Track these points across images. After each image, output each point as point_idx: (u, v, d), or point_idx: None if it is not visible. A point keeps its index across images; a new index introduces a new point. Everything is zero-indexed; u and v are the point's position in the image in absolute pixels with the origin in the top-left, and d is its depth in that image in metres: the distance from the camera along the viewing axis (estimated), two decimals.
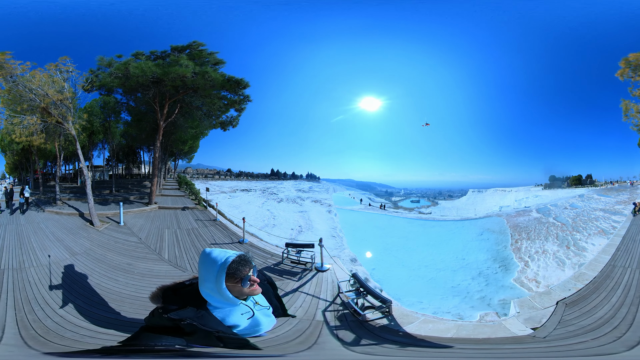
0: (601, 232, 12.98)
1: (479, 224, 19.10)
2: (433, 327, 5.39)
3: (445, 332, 5.23)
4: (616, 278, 7.04)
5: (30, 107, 11.16)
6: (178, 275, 7.70)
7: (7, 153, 22.17)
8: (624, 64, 12.81)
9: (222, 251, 1.82)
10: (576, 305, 6.07)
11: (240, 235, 11.91)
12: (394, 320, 5.55)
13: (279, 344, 1.98)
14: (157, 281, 7.33)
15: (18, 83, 10.81)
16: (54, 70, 12.03)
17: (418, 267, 12.92)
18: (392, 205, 35.28)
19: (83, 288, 6.51)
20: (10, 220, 12.68)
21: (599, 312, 5.51)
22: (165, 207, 16.76)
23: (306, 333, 4.66)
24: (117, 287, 6.66)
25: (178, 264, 8.57)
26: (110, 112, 21.03)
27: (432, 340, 4.82)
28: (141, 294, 6.43)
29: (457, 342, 4.70)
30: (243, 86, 17.98)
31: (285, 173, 42.96)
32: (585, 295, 6.51)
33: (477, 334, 5.17)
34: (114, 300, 6.04)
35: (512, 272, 11.63)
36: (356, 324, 5.41)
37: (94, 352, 2.46)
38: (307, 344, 4.26)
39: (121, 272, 7.49)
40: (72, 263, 7.98)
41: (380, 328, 5.30)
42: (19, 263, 7.76)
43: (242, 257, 1.78)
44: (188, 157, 31.70)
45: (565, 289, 7.12)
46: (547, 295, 6.96)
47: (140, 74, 14.45)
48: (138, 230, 11.81)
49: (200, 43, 16.12)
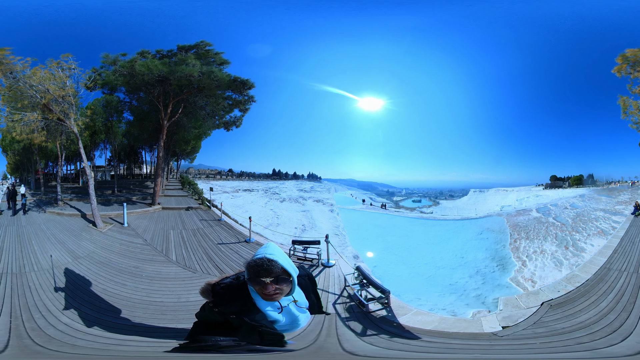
0: (600, 233, 12.77)
1: (479, 223, 19.05)
2: (421, 319, 5.67)
3: (429, 324, 5.43)
4: (610, 282, 6.73)
5: (31, 103, 10.82)
6: (189, 277, 7.38)
7: (9, 153, 21.88)
8: (621, 60, 12.53)
9: (261, 249, 1.70)
10: (560, 307, 5.93)
11: (246, 234, 11.70)
12: (391, 312, 5.84)
13: (301, 337, 1.97)
14: (167, 284, 7.04)
15: (19, 79, 10.48)
16: (56, 68, 11.70)
17: (418, 265, 12.91)
18: (394, 205, 35.09)
19: (88, 294, 6.16)
20: (11, 222, 12.37)
21: (582, 316, 5.33)
22: (169, 207, 16.43)
23: (325, 326, 4.55)
24: (125, 292, 6.32)
25: (187, 265, 8.25)
26: (112, 111, 20.74)
27: (414, 331, 5.09)
28: (153, 298, 6.11)
29: (429, 335, 4.90)
30: (249, 87, 17.78)
31: (287, 173, 42.72)
32: (573, 298, 6.31)
33: (452, 328, 5.36)
34: (125, 306, 5.71)
35: (509, 271, 11.54)
36: (362, 315, 5.69)
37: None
38: (331, 335, 4.26)
39: (128, 276, 7.14)
40: (75, 267, 7.65)
41: (380, 319, 5.59)
42: (19, 267, 7.43)
43: (259, 261, 1.60)
44: (190, 158, 31.43)
45: (555, 290, 7.00)
46: (535, 296, 6.89)
47: (146, 72, 14.13)
48: (143, 231, 11.47)
49: (207, 43, 15.85)
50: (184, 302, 6.00)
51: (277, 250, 1.67)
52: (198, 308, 1.91)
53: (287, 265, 1.62)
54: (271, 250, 1.65)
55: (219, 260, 8.78)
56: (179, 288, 6.72)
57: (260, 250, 1.66)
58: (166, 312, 5.55)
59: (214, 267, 8.23)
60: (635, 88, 12.55)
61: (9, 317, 5.10)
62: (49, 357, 3.86)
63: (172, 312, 5.57)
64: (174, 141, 22.74)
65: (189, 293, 6.42)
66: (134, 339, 4.43)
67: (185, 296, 6.27)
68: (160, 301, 6.03)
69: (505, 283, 10.53)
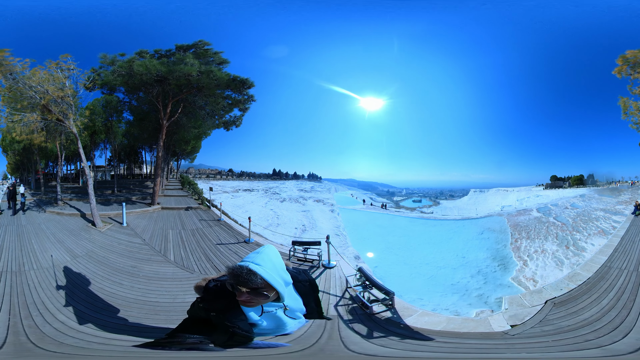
0: (601, 233, 12.79)
1: (480, 223, 19.06)
2: (428, 320, 5.64)
3: (437, 325, 5.45)
4: (610, 280, 6.79)
5: (31, 104, 10.85)
6: (186, 278, 7.39)
7: (9, 153, 21.93)
8: (621, 61, 12.58)
9: (252, 254, 1.62)
10: (564, 305, 5.98)
11: (245, 234, 11.69)
12: (396, 313, 5.75)
13: (300, 340, 1.96)
14: (164, 284, 7.06)
15: (18, 80, 10.51)
16: (55, 69, 11.73)
17: (419, 265, 12.90)
18: (394, 205, 35.09)
19: (85, 292, 6.18)
20: (11, 221, 12.41)
21: (585, 313, 5.40)
22: (169, 207, 16.46)
23: (327, 328, 4.52)
24: (122, 291, 6.33)
25: (185, 266, 8.25)
26: (112, 111, 20.77)
27: (424, 332, 5.04)
28: (149, 298, 6.12)
29: (441, 335, 4.90)
30: (248, 86, 17.77)
31: (287, 173, 42.74)
32: (576, 295, 6.38)
33: (461, 328, 5.35)
34: (120, 305, 5.72)
35: (510, 270, 11.58)
36: (366, 317, 5.58)
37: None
38: (333, 338, 4.23)
39: (126, 275, 7.16)
40: (73, 266, 7.67)
41: (385, 320, 5.52)
42: (18, 266, 7.46)
43: (237, 270, 1.51)
44: (190, 157, 31.44)
45: (557, 288, 7.05)
46: (538, 294, 6.95)
47: (144, 72, 14.13)
48: (142, 231, 11.49)
49: (206, 42, 15.84)
50: (180, 302, 6.00)
51: (266, 260, 1.56)
52: None
53: (272, 278, 1.51)
54: (260, 259, 1.54)
55: (217, 261, 8.79)
56: (176, 288, 6.72)
57: (249, 256, 1.58)
58: (160, 312, 5.55)
59: (212, 267, 8.24)
60: (636, 89, 12.59)
61: (8, 314, 5.15)
62: (41, 356, 3.88)
63: (165, 312, 5.58)
64: (173, 141, 22.77)
65: (185, 293, 6.41)
66: (125, 338, 4.44)
67: (181, 297, 6.26)
68: (156, 301, 6.04)
69: (507, 282, 10.55)
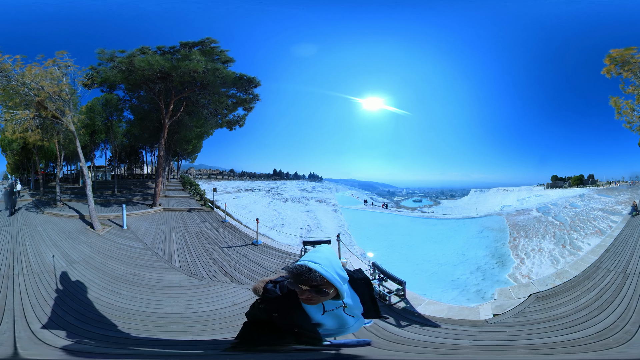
0: (598, 232, 12.81)
1: (480, 222, 19.36)
2: (434, 308, 6.16)
3: (440, 312, 6.00)
4: (596, 280, 6.91)
5: (24, 101, 10.28)
6: (195, 285, 6.77)
7: (8, 153, 21.45)
8: (608, 60, 12.53)
9: (310, 252, 1.63)
10: (544, 300, 6.26)
11: (252, 236, 11.22)
12: (409, 303, 6.16)
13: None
14: (170, 293, 6.39)
15: (9, 78, 9.95)
16: (51, 65, 11.19)
17: (421, 262, 13.19)
18: (395, 204, 34.87)
19: (77, 302, 5.58)
20: (7, 222, 11.89)
21: (559, 309, 5.68)
22: (171, 208, 15.89)
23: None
24: (121, 302, 5.71)
25: (192, 272, 7.63)
26: (112, 110, 20.27)
27: (431, 319, 5.57)
28: (153, 310, 5.50)
29: (444, 322, 5.48)
30: (255, 85, 17.27)
31: (288, 173, 42.47)
32: (558, 292, 6.61)
33: (458, 315, 5.87)
34: (118, 317, 5.11)
35: (507, 268, 11.84)
36: (387, 308, 5.95)
37: None
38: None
39: (125, 284, 6.55)
40: (68, 272, 7.10)
41: (402, 310, 5.94)
42: (7, 269, 6.93)
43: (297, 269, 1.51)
44: (191, 157, 30.96)
45: (544, 283, 7.37)
46: (525, 288, 7.36)
47: (146, 67, 13.53)
48: (143, 234, 10.92)
49: (213, 40, 15.23)
50: (193, 312, 5.43)
51: (324, 257, 1.56)
52: (211, 319, 1.61)
53: (330, 275, 1.49)
54: (317, 257, 1.54)
55: (227, 265, 8.17)
56: (186, 297, 6.12)
57: (307, 255, 1.60)
58: (171, 324, 4.99)
59: (222, 273, 7.63)
60: (629, 88, 12.52)
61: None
62: None
63: (179, 324, 5.01)
64: (175, 140, 22.23)
65: (198, 303, 5.85)
66: (124, 352, 3.86)
67: (194, 306, 5.70)
68: (163, 312, 5.45)
69: (503, 279, 10.83)
